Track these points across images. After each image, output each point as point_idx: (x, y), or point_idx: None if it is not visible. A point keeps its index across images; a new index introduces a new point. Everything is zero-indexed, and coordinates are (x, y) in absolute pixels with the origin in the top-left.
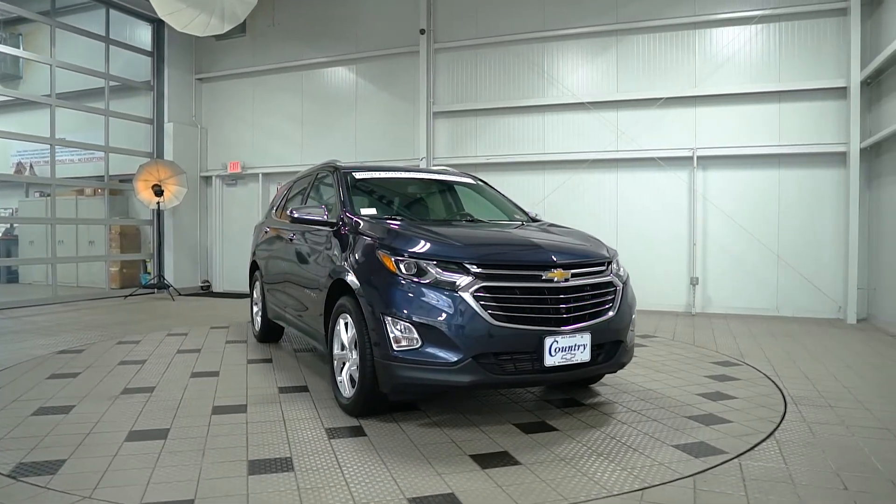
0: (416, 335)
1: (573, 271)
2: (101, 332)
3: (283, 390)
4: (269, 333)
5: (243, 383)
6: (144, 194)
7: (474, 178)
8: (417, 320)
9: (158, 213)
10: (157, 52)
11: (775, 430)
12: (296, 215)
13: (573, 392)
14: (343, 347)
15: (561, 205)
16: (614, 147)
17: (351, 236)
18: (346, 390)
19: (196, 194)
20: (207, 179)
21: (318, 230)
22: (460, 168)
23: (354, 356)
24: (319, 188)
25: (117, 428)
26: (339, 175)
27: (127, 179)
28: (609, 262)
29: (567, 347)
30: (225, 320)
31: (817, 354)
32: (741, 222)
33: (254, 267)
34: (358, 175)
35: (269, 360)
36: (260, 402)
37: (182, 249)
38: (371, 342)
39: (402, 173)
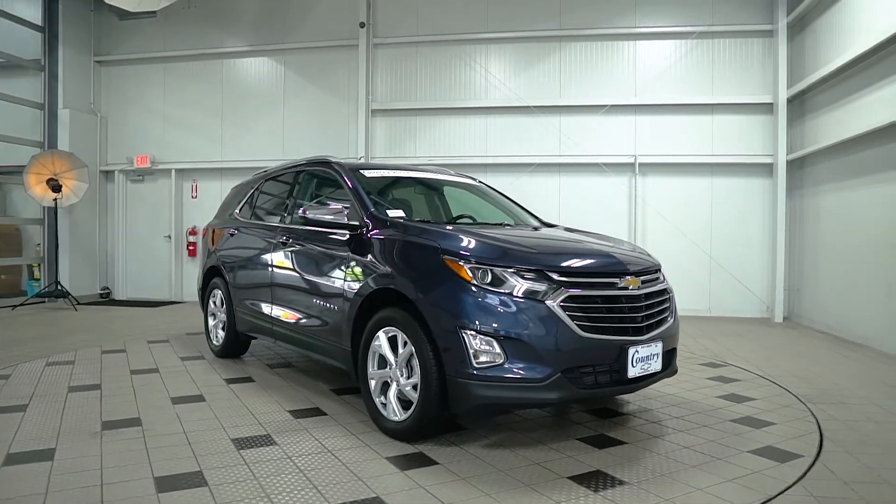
0: (498, 350)
1: (642, 279)
2: (14, 352)
3: (296, 414)
4: (234, 348)
5: (242, 409)
6: (37, 189)
7: (476, 179)
8: (502, 334)
9: (55, 212)
10: (48, 28)
11: (821, 428)
12: (310, 216)
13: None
14: (384, 365)
15: None
16: (557, 152)
17: (390, 241)
18: (396, 413)
19: (95, 191)
20: (108, 174)
21: (331, 233)
22: None
23: (405, 375)
24: (308, 187)
25: (134, 475)
26: (348, 173)
27: (8, 171)
28: (659, 269)
29: (646, 357)
30: (157, 333)
31: (781, 352)
32: (678, 227)
33: (211, 273)
34: (368, 173)
35: (249, 380)
36: (283, 432)
37: (78, 253)
38: (437, 359)
39: (407, 172)
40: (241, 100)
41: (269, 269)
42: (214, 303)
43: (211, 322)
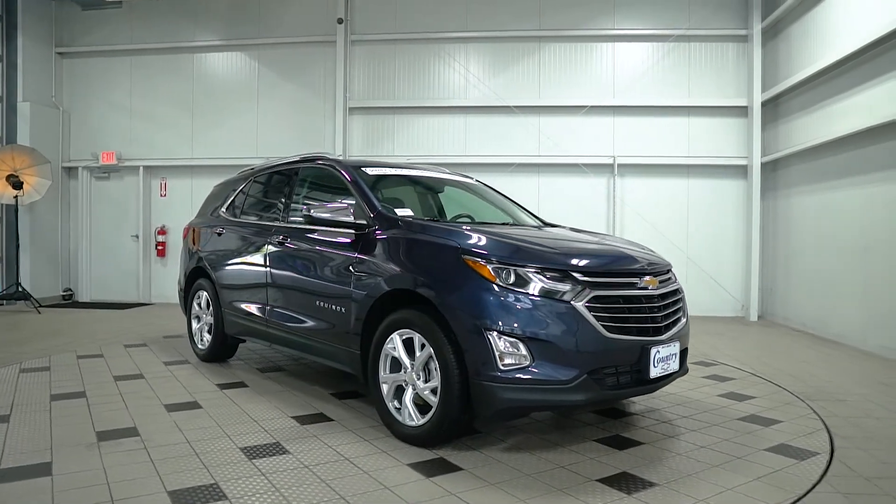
0: (525, 352)
1: (659, 278)
2: None
3: (301, 420)
4: (222, 351)
5: (242, 415)
6: None
7: (473, 178)
8: (528, 335)
9: (15, 210)
10: (6, 17)
11: (827, 425)
12: (316, 215)
13: None
14: (397, 368)
15: None
16: (536, 152)
17: (403, 241)
18: (412, 418)
19: (58, 188)
20: (72, 171)
21: (335, 233)
22: None
23: (422, 378)
24: (304, 185)
25: (145, 489)
26: (351, 171)
27: None
28: (671, 269)
29: (666, 357)
30: (132, 336)
31: (765, 350)
32: (655, 227)
33: (195, 275)
34: (370, 171)
35: (242, 385)
36: (292, 439)
37: (40, 253)
38: (459, 361)
39: (405, 170)
40: (212, 95)
41: (264, 269)
42: (199, 305)
43: (195, 325)
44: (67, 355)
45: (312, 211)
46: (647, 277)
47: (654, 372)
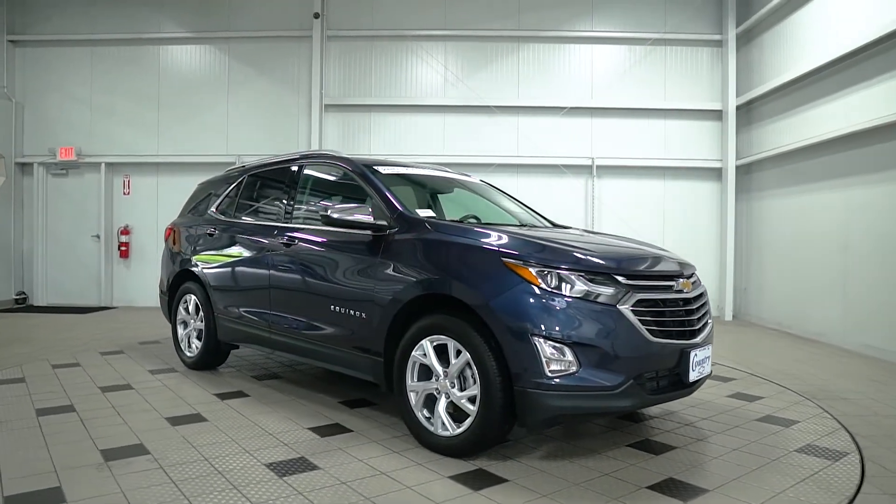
0: (571, 357)
1: (691, 280)
2: None
3: (319, 432)
4: (213, 359)
5: (254, 427)
6: None
7: (479, 178)
8: (576, 341)
9: None
10: None
11: (843, 425)
12: (336, 216)
13: None
14: (427, 376)
15: None
16: (515, 152)
17: (434, 243)
18: (446, 428)
19: (10, 185)
20: (26, 167)
21: (351, 234)
22: None
23: (457, 386)
24: (309, 184)
25: None
26: (367, 170)
27: None
28: (696, 271)
29: (702, 360)
30: (105, 343)
31: (752, 350)
32: (633, 228)
33: (181, 277)
34: (384, 170)
35: (242, 394)
36: (318, 453)
37: None
38: (501, 368)
39: (413, 170)
40: (180, 90)
41: (266, 272)
42: (186, 309)
43: (181, 331)
44: (40, 364)
45: (330, 212)
46: (683, 280)
47: (693, 375)
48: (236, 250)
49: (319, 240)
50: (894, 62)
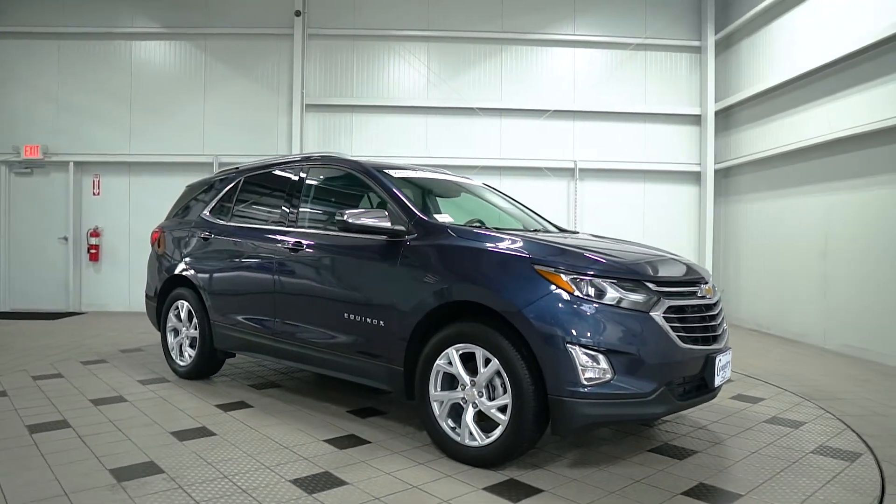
0: (606, 365)
1: (712, 286)
2: None
3: (336, 444)
4: (208, 368)
5: (267, 441)
6: None
7: (482, 182)
8: (611, 348)
9: None
10: None
11: (849, 425)
12: (354, 221)
13: None
14: (451, 385)
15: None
16: (498, 154)
17: (459, 249)
18: (476, 437)
19: None
20: None
21: (366, 239)
22: None
23: (485, 395)
24: (315, 187)
25: None
26: (379, 174)
27: None
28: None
29: (725, 365)
30: (83, 351)
31: (741, 350)
32: (614, 230)
33: (172, 283)
34: (396, 174)
35: (245, 405)
36: (341, 467)
37: None
38: (534, 377)
39: (423, 173)
40: (154, 87)
41: (270, 277)
42: (178, 316)
43: (172, 339)
44: (19, 376)
45: (347, 216)
46: (705, 286)
47: (717, 380)
48: (236, 255)
49: (329, 245)
50: (871, 73)
